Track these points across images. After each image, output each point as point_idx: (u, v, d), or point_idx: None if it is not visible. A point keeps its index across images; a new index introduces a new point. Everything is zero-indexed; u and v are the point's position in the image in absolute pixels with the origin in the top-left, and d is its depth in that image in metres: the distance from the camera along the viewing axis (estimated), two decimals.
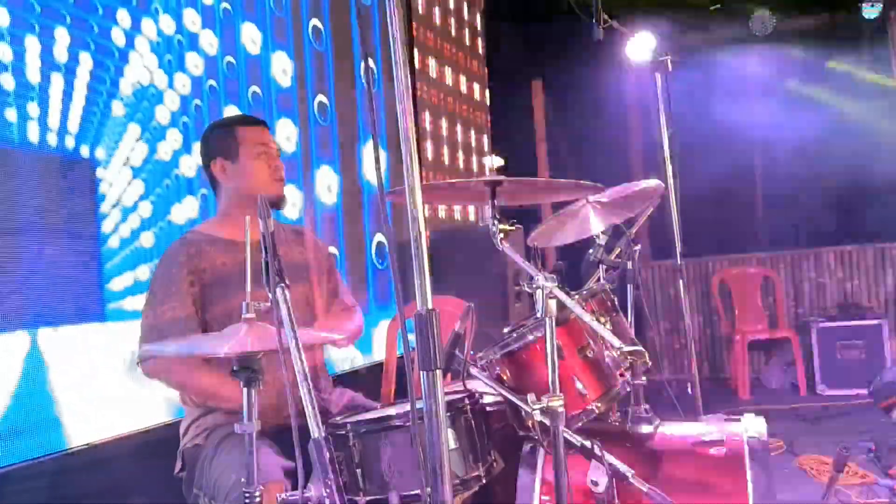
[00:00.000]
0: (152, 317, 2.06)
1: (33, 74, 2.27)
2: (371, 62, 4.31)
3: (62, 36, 2.33)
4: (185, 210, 2.85)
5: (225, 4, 2.96)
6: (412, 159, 1.20)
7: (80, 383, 2.53)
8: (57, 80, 2.33)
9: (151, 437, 2.76)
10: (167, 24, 2.72)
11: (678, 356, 6.39)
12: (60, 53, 2.33)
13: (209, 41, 2.87)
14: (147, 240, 2.73)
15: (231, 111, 3.06)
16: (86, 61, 2.43)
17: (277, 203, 2.20)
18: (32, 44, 2.24)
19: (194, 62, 2.83)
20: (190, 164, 2.83)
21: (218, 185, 2.23)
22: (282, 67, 3.21)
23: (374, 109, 1.31)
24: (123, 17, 2.55)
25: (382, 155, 4.15)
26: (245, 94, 3.13)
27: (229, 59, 2.97)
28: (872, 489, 3.21)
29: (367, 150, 3.94)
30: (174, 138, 2.80)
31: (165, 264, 2.13)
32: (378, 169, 1.28)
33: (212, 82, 2.92)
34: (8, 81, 2.19)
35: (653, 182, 2.41)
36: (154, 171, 2.74)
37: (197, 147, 2.85)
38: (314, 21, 3.42)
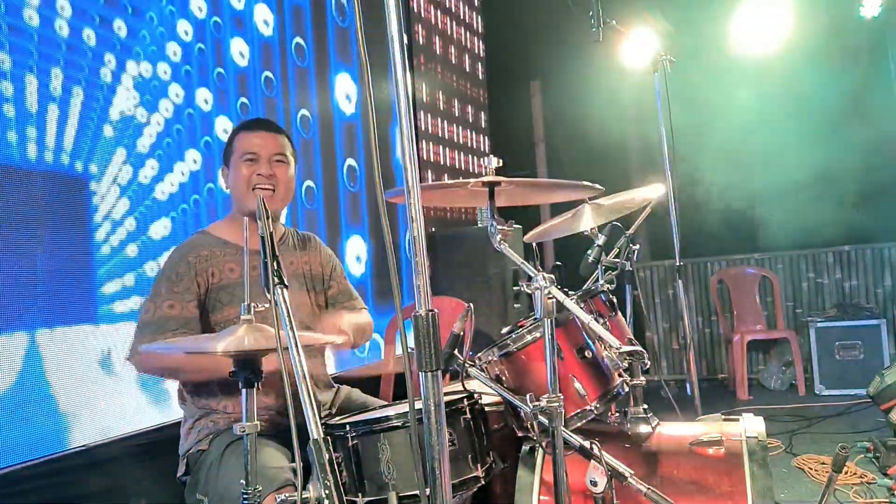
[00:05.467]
0: (152, 312, 2.03)
1: (32, 104, 2.50)
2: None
3: (57, 74, 2.60)
4: (159, 229, 3.07)
5: (186, 67, 3.29)
6: (411, 160, 1.20)
7: (78, 383, 2.54)
8: (53, 109, 2.58)
9: (149, 438, 2.76)
10: (146, 69, 3.05)
11: (676, 356, 6.39)
12: (55, 88, 2.59)
13: (175, 91, 3.22)
14: (132, 251, 2.90)
15: (191, 154, 3.30)
16: (78, 94, 2.69)
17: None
18: (31, 80, 2.50)
19: (165, 106, 3.14)
20: (163, 190, 3.10)
21: None
22: (223, 127, 3.55)
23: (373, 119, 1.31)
24: (110, 59, 2.85)
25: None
26: (199, 143, 3.38)
27: (189, 110, 3.35)
28: (871, 489, 3.22)
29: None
30: (151, 166, 3.05)
31: (173, 263, 2.10)
32: (378, 169, 1.27)
33: (178, 126, 3.23)
34: (9, 110, 2.41)
35: (654, 188, 2.37)
36: (136, 192, 2.97)
37: (169, 177, 3.12)
38: (242, 99, 3.73)
